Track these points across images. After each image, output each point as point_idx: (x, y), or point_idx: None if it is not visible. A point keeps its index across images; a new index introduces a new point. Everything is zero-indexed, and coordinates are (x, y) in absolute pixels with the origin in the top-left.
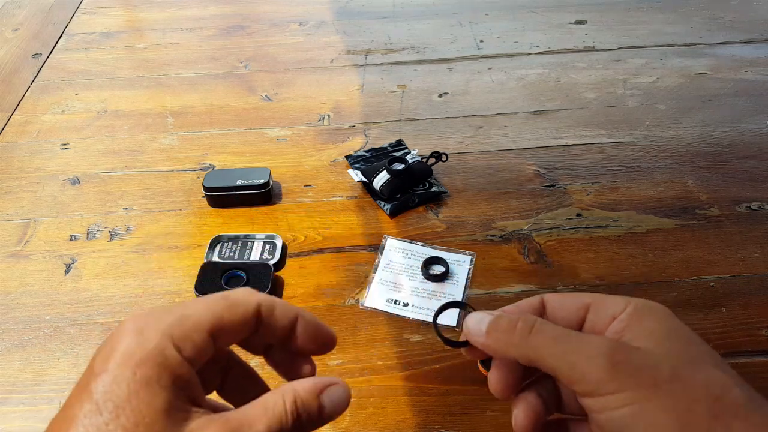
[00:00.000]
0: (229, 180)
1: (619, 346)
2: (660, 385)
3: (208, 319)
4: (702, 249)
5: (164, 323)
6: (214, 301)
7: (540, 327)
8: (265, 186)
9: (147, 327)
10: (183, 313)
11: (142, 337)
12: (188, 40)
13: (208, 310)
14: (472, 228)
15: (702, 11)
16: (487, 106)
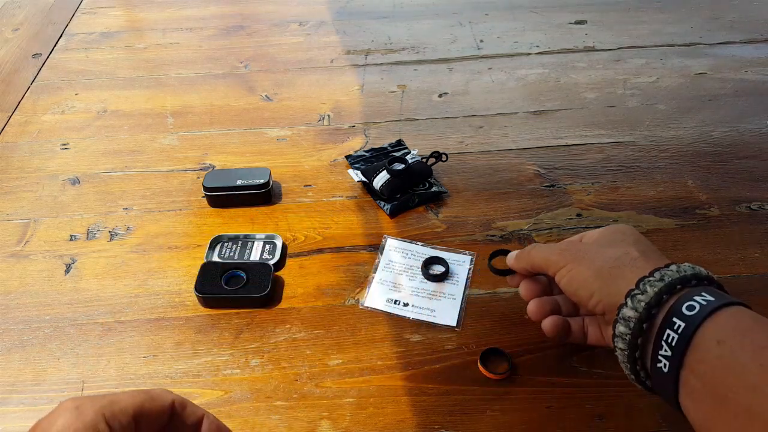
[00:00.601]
0: (229, 180)
1: (568, 243)
2: (585, 257)
3: (133, 405)
4: (702, 249)
5: (98, 404)
6: (138, 393)
7: (535, 246)
8: (265, 186)
9: (83, 406)
10: (112, 399)
11: (79, 412)
12: (188, 40)
13: (133, 399)
14: (472, 228)
15: (702, 11)
16: (487, 106)
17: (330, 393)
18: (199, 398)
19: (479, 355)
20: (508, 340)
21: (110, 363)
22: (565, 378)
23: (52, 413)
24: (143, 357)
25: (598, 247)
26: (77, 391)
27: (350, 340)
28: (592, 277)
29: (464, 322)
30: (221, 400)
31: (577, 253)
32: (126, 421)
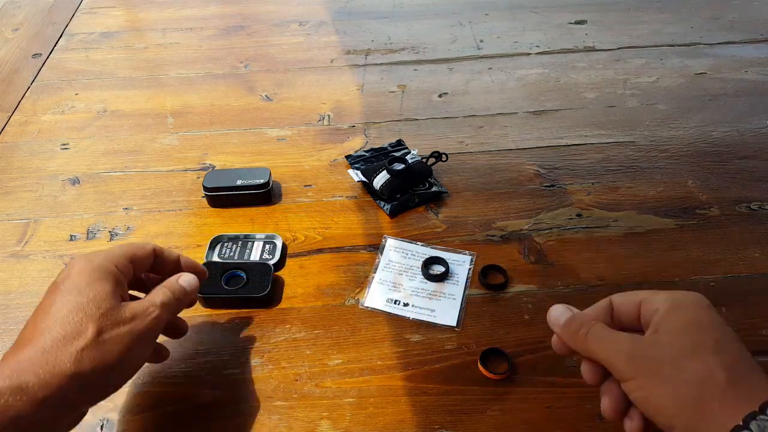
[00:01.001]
0: (229, 180)
1: (636, 343)
2: (660, 373)
3: (128, 253)
4: (702, 249)
5: (103, 254)
6: (127, 246)
7: (593, 331)
8: (265, 186)
9: (92, 256)
10: (111, 250)
11: (89, 259)
12: (188, 40)
13: (126, 249)
14: (472, 228)
15: (702, 11)
16: (487, 106)
17: (330, 393)
18: (199, 398)
19: (479, 355)
20: (508, 340)
21: None
22: (565, 378)
23: (68, 265)
24: None
25: (674, 357)
26: None
27: (350, 340)
28: (673, 406)
29: (464, 322)
30: (221, 400)
31: (650, 364)
32: (125, 263)
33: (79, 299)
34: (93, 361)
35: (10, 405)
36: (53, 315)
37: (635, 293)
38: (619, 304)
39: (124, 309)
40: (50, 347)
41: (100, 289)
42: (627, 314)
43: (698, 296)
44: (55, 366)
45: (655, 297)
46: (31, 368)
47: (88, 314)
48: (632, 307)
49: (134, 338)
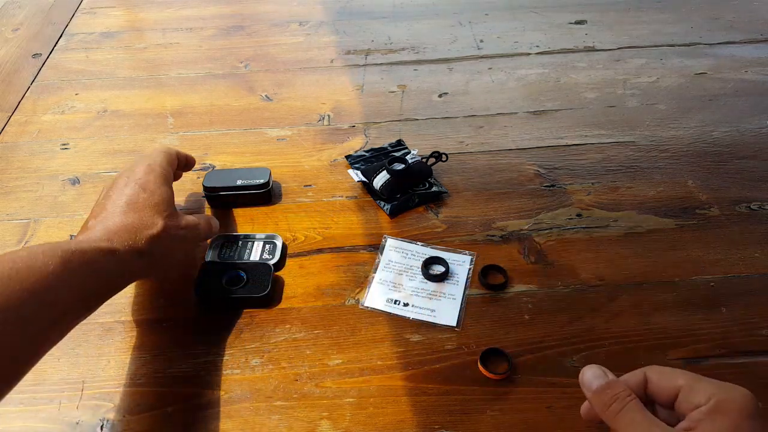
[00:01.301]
0: (230, 180)
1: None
2: None
3: (174, 161)
4: (702, 249)
5: (159, 160)
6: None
7: (627, 409)
8: (265, 186)
9: (153, 162)
10: (163, 158)
11: (153, 166)
12: (188, 40)
13: (172, 156)
14: (472, 228)
15: (702, 11)
16: (487, 106)
17: (330, 393)
18: (199, 398)
19: (479, 355)
20: (508, 340)
21: (110, 363)
22: (565, 378)
23: (133, 166)
24: (143, 357)
25: None
26: (77, 391)
27: (350, 340)
28: None
29: (464, 322)
30: (221, 400)
31: None
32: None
33: (151, 199)
34: (159, 247)
35: (103, 265)
36: (130, 203)
37: (675, 375)
38: (656, 382)
39: (179, 216)
40: (131, 228)
41: (165, 194)
42: (662, 395)
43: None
44: (134, 242)
45: (697, 386)
46: (118, 239)
47: (159, 212)
48: (670, 390)
49: (184, 241)
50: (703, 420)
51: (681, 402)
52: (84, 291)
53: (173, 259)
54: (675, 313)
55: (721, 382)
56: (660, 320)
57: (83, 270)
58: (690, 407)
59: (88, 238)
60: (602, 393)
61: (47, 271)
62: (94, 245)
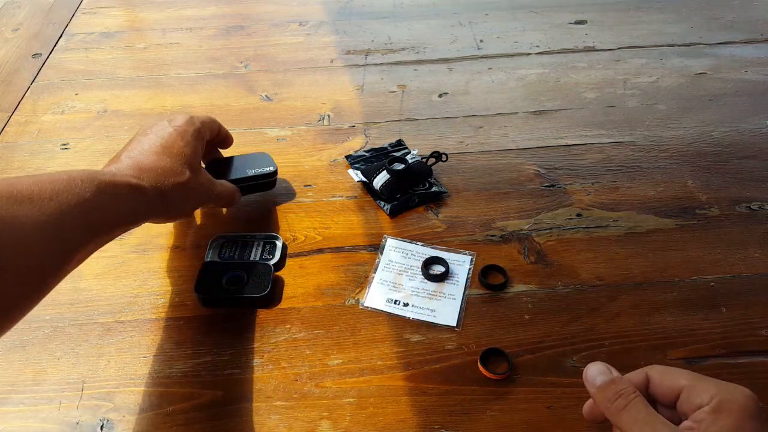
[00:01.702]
0: (238, 171)
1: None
2: None
3: (215, 126)
4: (702, 249)
5: (200, 118)
6: (212, 118)
7: (632, 406)
8: (275, 173)
9: (194, 117)
10: (205, 118)
11: (193, 120)
12: (188, 40)
13: (214, 122)
14: (472, 228)
15: (702, 11)
16: (487, 106)
17: (330, 393)
18: (199, 398)
19: (479, 355)
20: (508, 340)
21: (110, 363)
22: (565, 378)
23: (175, 115)
24: (143, 357)
25: None
26: (77, 391)
27: (350, 340)
28: None
29: (464, 322)
30: (221, 400)
31: None
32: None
33: (185, 150)
34: (180, 195)
35: (135, 197)
36: (167, 147)
37: (677, 374)
38: (658, 382)
39: (202, 173)
40: (161, 171)
41: (197, 148)
42: (664, 395)
43: (748, 398)
44: (160, 184)
45: (700, 386)
46: (147, 178)
47: (188, 163)
48: (672, 390)
49: (195, 197)
50: (705, 420)
51: (683, 402)
52: (113, 219)
53: (184, 210)
54: (675, 313)
55: (723, 382)
56: (660, 320)
57: (114, 201)
58: (692, 407)
59: (120, 172)
60: (606, 389)
61: (84, 198)
62: (126, 179)
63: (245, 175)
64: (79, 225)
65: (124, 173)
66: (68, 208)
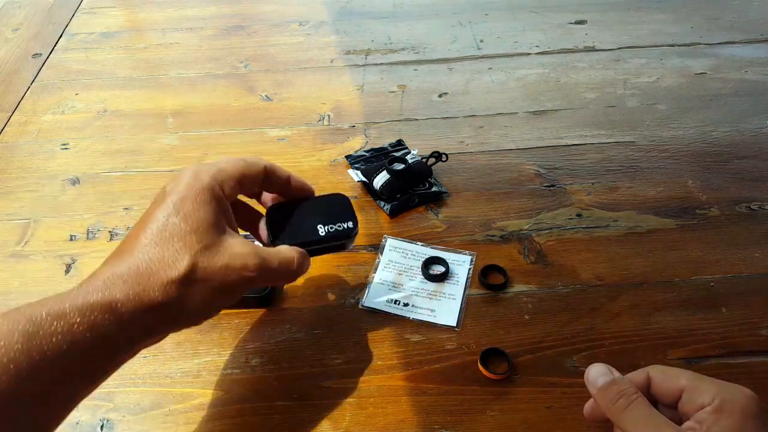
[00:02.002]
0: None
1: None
2: None
3: (237, 172)
4: (702, 249)
5: (212, 171)
6: (238, 162)
7: (634, 406)
8: (353, 230)
9: (200, 172)
10: (221, 167)
11: (198, 177)
12: (188, 40)
13: (236, 167)
14: (472, 228)
15: (702, 11)
16: (487, 106)
17: (330, 393)
18: (199, 398)
19: (479, 355)
20: (508, 340)
21: None
22: (565, 378)
23: (177, 175)
24: (143, 357)
25: None
26: None
27: (350, 340)
28: None
29: (464, 322)
30: (221, 400)
31: None
32: (232, 184)
33: (183, 226)
34: (179, 295)
35: (98, 323)
36: (155, 232)
37: (678, 375)
38: (659, 382)
39: (221, 251)
40: (144, 269)
41: (204, 217)
42: (666, 395)
43: (749, 398)
44: (144, 291)
45: (701, 386)
46: (122, 287)
47: (188, 245)
48: (673, 390)
49: (220, 292)
50: (707, 420)
51: (684, 402)
52: (61, 370)
53: (205, 310)
54: (675, 313)
55: (724, 382)
56: (660, 320)
57: (56, 346)
58: (693, 407)
59: (78, 292)
60: (608, 389)
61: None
62: (80, 302)
63: (314, 237)
64: (10, 389)
65: (84, 290)
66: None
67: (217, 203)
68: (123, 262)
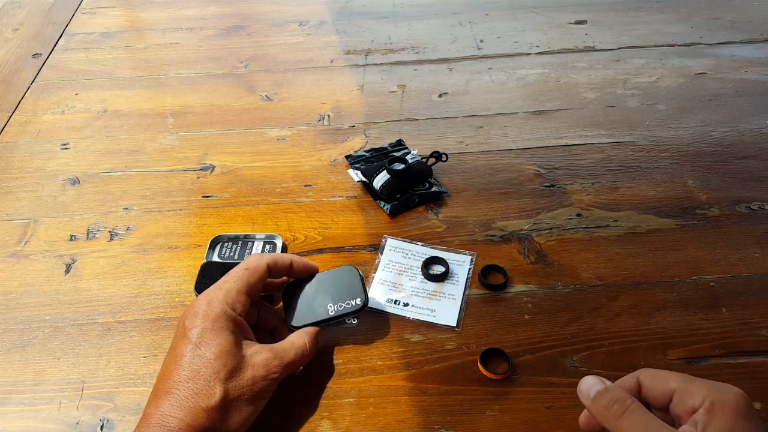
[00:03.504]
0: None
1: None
2: None
3: (243, 286)
4: (702, 249)
5: (221, 296)
6: (241, 274)
7: (629, 412)
8: (363, 308)
9: (212, 301)
10: (228, 288)
11: (211, 306)
12: (188, 40)
13: (240, 282)
14: (472, 228)
15: (702, 11)
16: (487, 106)
17: (330, 393)
18: None
19: (479, 355)
20: (508, 340)
21: (110, 363)
22: (565, 378)
23: (192, 307)
24: (143, 357)
25: None
26: (77, 391)
27: (350, 340)
28: None
29: (464, 322)
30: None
31: None
32: (242, 300)
33: (207, 355)
34: (222, 417)
35: None
36: (186, 368)
37: (668, 377)
38: (650, 386)
39: (245, 367)
40: (186, 402)
41: (224, 343)
42: (656, 399)
43: (738, 398)
44: (193, 420)
45: (691, 388)
46: (174, 422)
47: (215, 372)
48: (664, 393)
49: (253, 400)
50: (700, 422)
51: (676, 404)
52: None
53: (246, 422)
54: (675, 313)
55: (714, 383)
56: (660, 320)
57: None
58: (685, 409)
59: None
60: (601, 397)
61: None
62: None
63: (324, 317)
64: None
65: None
66: None
67: (233, 324)
68: (166, 401)
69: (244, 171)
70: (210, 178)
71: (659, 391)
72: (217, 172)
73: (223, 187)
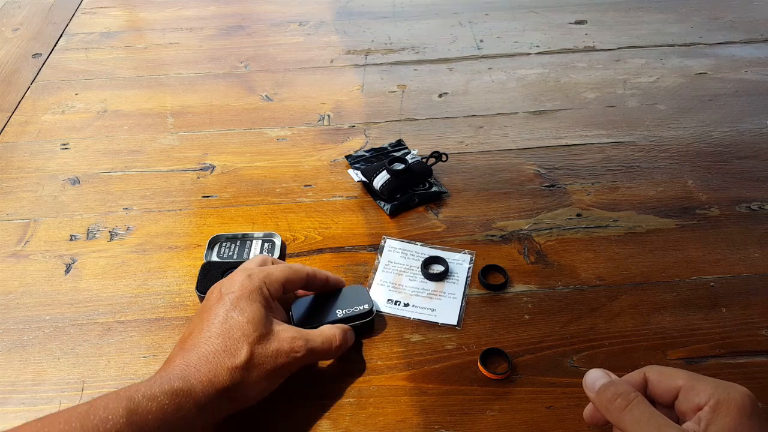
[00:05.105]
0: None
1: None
2: None
3: (282, 277)
4: (702, 249)
5: (262, 274)
6: (285, 268)
7: (633, 406)
8: (370, 312)
9: (253, 275)
10: (269, 271)
11: (251, 279)
12: (188, 40)
13: (283, 272)
14: (472, 228)
15: (702, 11)
16: (487, 106)
17: (330, 393)
18: None
19: (479, 355)
20: (508, 340)
21: (110, 363)
22: (565, 378)
23: (230, 278)
24: (143, 357)
25: None
26: (77, 391)
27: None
28: None
29: (464, 321)
30: None
31: None
32: (277, 287)
33: (240, 318)
34: (242, 379)
35: (182, 405)
36: (217, 326)
37: (674, 374)
38: (656, 382)
39: (272, 338)
40: (212, 358)
41: (257, 312)
42: (663, 395)
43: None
44: (215, 377)
45: (697, 386)
46: (196, 375)
47: (245, 334)
48: (670, 390)
49: (273, 372)
50: (704, 420)
51: (681, 402)
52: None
53: (263, 388)
54: (675, 313)
55: (720, 381)
56: (660, 320)
57: (151, 422)
58: (690, 407)
59: (161, 379)
60: (605, 391)
61: (105, 429)
62: (166, 387)
63: (332, 318)
64: None
65: (166, 378)
66: None
67: (265, 301)
68: (192, 353)
69: (244, 171)
70: (210, 178)
71: (665, 388)
72: (217, 172)
73: (223, 187)
